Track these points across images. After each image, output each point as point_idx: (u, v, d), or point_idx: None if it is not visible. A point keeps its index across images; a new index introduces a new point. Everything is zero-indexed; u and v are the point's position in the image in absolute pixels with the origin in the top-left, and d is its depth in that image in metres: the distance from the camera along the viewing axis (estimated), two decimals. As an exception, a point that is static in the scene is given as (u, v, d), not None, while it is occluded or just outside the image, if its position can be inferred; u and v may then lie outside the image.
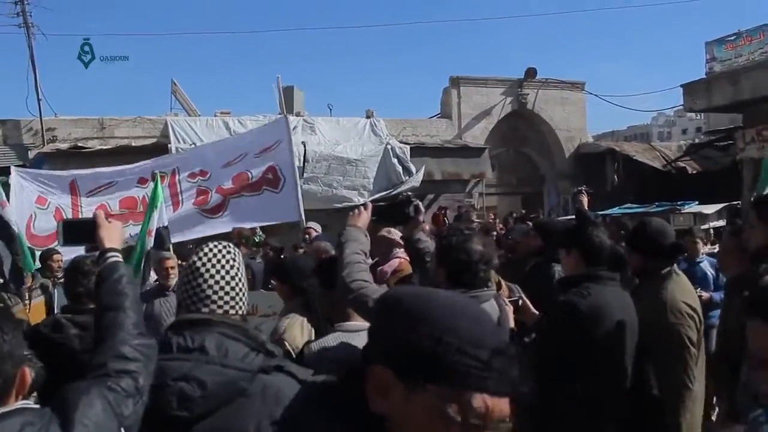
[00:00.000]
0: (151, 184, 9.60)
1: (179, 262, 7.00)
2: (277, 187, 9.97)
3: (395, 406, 1.18)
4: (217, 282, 2.02)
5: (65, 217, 9.91)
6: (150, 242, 7.91)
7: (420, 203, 3.61)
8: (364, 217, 2.96)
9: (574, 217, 5.21)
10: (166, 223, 8.71)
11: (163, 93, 27.66)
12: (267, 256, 10.59)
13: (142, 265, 7.44)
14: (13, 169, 10.16)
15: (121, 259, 2.12)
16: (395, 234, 4.32)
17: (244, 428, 1.75)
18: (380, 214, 3.19)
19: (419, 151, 17.87)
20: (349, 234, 2.83)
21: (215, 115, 17.53)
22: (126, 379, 1.75)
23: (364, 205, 3.10)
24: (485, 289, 3.03)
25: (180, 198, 10.04)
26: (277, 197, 9.89)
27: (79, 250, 5.41)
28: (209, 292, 2.00)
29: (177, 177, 9.92)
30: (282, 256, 10.21)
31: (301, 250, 8.17)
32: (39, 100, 16.97)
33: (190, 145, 16.24)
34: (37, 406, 1.68)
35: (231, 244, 2.18)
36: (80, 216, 9.99)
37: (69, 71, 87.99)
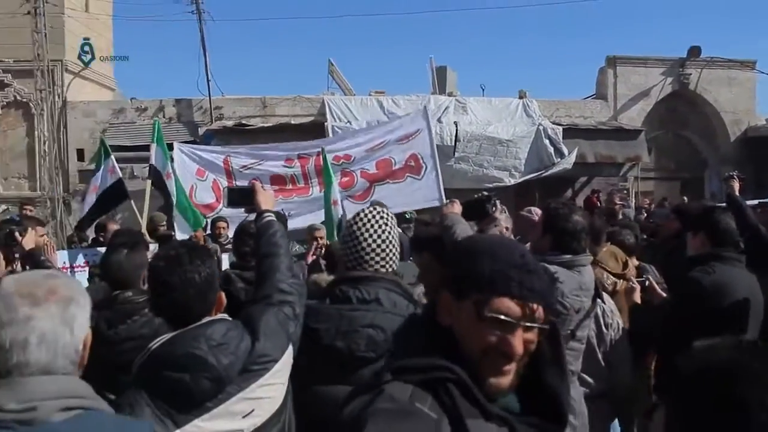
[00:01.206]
0: (297, 163, 11.07)
1: None
2: (419, 174, 10.83)
3: (453, 318, 1.53)
4: (374, 241, 2.43)
5: (223, 187, 11.23)
6: (338, 211, 8.82)
7: (498, 202, 3.98)
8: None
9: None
10: (337, 198, 9.68)
11: (321, 73, 29.25)
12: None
13: (334, 232, 8.33)
14: (175, 144, 11.54)
15: (275, 218, 2.63)
16: (535, 213, 4.63)
17: None
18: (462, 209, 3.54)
19: (572, 132, 17.92)
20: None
21: (370, 95, 18.51)
22: (286, 307, 2.26)
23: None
24: (584, 255, 3.35)
25: None
26: (420, 183, 10.75)
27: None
28: (368, 250, 2.41)
29: (321, 159, 10.71)
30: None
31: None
32: (208, 80, 18.78)
33: (346, 123, 17.37)
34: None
35: (384, 210, 2.59)
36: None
37: (235, 53, 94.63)
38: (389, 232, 2.45)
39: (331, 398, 2.08)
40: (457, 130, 16.85)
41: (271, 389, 2.11)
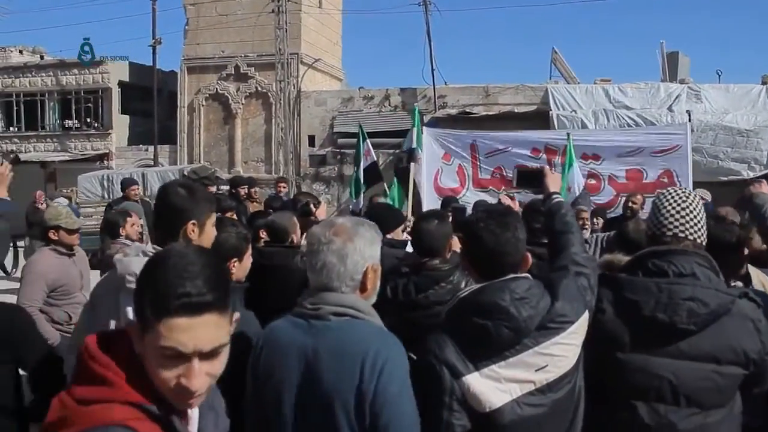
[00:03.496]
0: (543, 155, 11.09)
1: None
2: None
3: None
4: (673, 207, 2.61)
5: (466, 173, 12.39)
6: (570, 197, 9.62)
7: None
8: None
9: None
10: (582, 187, 10.40)
11: (544, 61, 30.10)
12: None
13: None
14: (425, 129, 12.73)
15: (563, 199, 2.94)
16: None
17: (726, 342, 2.39)
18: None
19: (825, 122, 17.45)
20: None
21: (595, 83, 19.24)
22: (582, 278, 2.46)
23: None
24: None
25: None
26: None
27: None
28: (676, 223, 2.58)
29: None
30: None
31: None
32: (433, 70, 20.56)
33: (571, 112, 18.29)
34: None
35: (688, 189, 2.95)
36: (479, 174, 12.39)
37: (458, 42, 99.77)
38: (691, 202, 2.60)
39: (647, 367, 2.40)
40: (689, 120, 17.14)
41: (565, 348, 2.29)
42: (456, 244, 3.68)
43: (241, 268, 3.07)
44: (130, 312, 2.23)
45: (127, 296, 2.39)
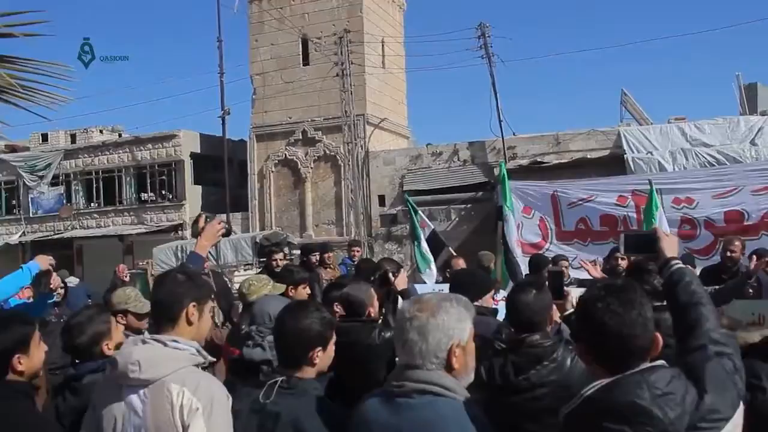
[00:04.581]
0: (631, 202, 10.58)
1: None
2: None
3: None
4: None
5: (548, 226, 12.16)
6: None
7: None
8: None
9: None
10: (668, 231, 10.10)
11: (613, 104, 30.11)
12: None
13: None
14: (510, 183, 12.61)
15: (683, 265, 2.52)
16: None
17: None
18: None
19: None
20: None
21: (669, 122, 19.09)
22: (725, 359, 2.11)
23: None
24: None
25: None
26: None
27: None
28: None
29: (660, 198, 10.21)
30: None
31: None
32: (500, 121, 20.78)
33: (647, 154, 18.14)
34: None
35: None
36: (562, 226, 12.15)
37: (524, 92, 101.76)
38: None
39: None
40: (776, 155, 16.76)
41: None
42: (556, 314, 3.60)
43: (324, 357, 2.84)
44: (134, 399, 2.37)
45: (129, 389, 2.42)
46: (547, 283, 3.84)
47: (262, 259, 17.83)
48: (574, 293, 4.10)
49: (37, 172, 27.87)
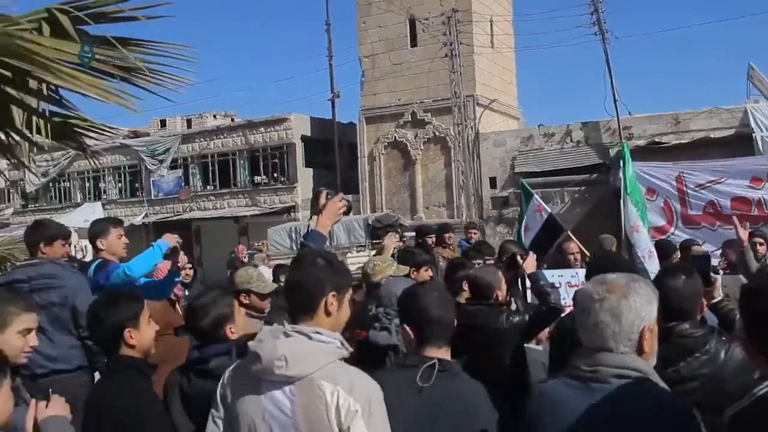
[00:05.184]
0: (767, 184, 10.23)
1: None
2: None
3: None
4: None
5: (673, 209, 11.84)
6: None
7: None
8: None
9: None
10: None
11: (739, 80, 28.65)
12: None
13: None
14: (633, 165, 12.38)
15: None
16: None
17: None
18: None
19: None
20: None
21: (803, 99, 18.23)
22: None
23: None
24: None
25: None
26: None
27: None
28: None
29: None
30: None
31: None
32: (615, 100, 20.34)
33: (776, 133, 17.42)
34: None
35: None
36: (688, 209, 11.77)
37: (640, 69, 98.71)
38: None
39: None
40: None
41: None
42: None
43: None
44: (278, 396, 2.23)
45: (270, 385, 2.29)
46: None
47: (374, 241, 18.39)
48: (724, 281, 3.98)
49: (157, 156, 29.52)
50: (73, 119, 3.69)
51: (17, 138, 3.52)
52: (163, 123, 33.00)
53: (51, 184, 33.18)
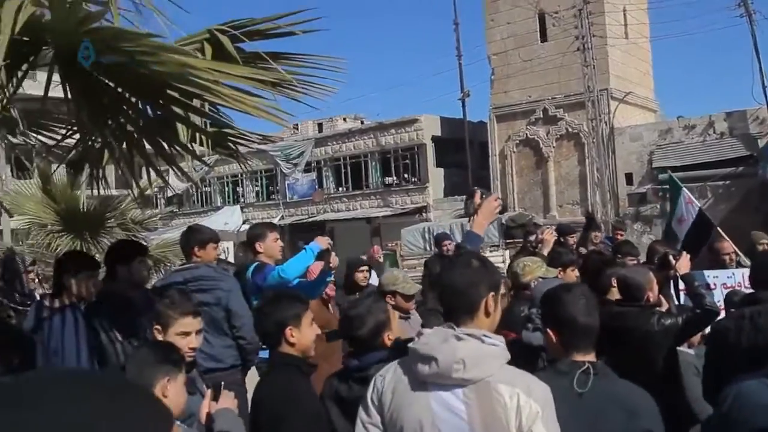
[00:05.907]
0: None
1: None
2: None
3: None
4: None
5: None
6: None
7: None
8: None
9: None
10: None
11: None
12: None
13: None
14: None
15: None
16: None
17: None
18: None
19: None
20: None
21: None
22: None
23: None
24: None
25: None
26: None
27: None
28: None
29: None
30: None
31: None
32: (764, 87, 19.43)
33: None
34: None
35: None
36: None
37: None
38: None
39: None
40: None
41: None
42: None
43: None
44: (450, 398, 2.24)
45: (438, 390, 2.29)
46: None
47: (508, 241, 18.54)
48: None
49: (291, 160, 30.92)
50: (226, 129, 4.05)
51: (181, 150, 3.95)
52: (295, 127, 34.36)
53: (193, 189, 35.37)
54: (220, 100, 2.94)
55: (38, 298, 5.22)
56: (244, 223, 28.08)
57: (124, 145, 3.82)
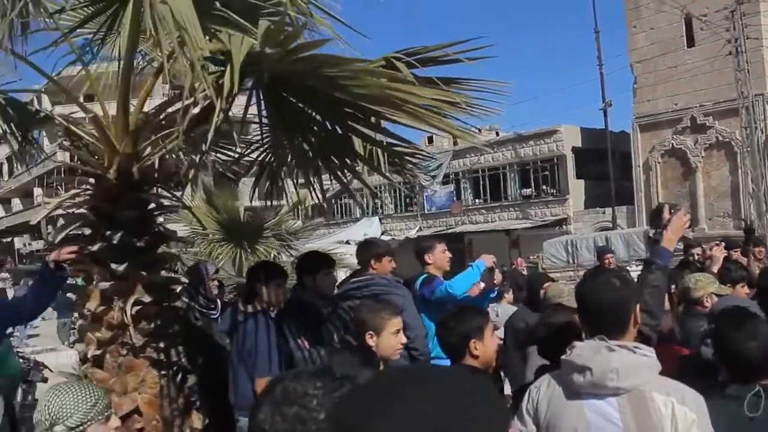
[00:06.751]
0: None
1: None
2: None
3: None
4: None
5: None
6: None
7: None
8: None
9: None
10: None
11: None
12: None
13: None
14: None
15: None
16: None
17: None
18: None
19: None
20: None
21: None
22: None
23: None
24: None
25: None
26: None
27: None
28: None
29: None
30: None
31: None
32: None
33: None
34: None
35: None
36: None
37: None
38: None
39: None
40: None
41: None
42: None
43: None
44: (603, 407, 2.32)
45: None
46: None
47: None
48: None
49: (430, 173, 31.43)
50: (398, 144, 4.22)
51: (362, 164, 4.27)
52: (430, 140, 34.90)
53: (333, 201, 36.64)
54: (413, 120, 3.27)
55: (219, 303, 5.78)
56: (382, 234, 28.92)
57: (318, 160, 4.23)
